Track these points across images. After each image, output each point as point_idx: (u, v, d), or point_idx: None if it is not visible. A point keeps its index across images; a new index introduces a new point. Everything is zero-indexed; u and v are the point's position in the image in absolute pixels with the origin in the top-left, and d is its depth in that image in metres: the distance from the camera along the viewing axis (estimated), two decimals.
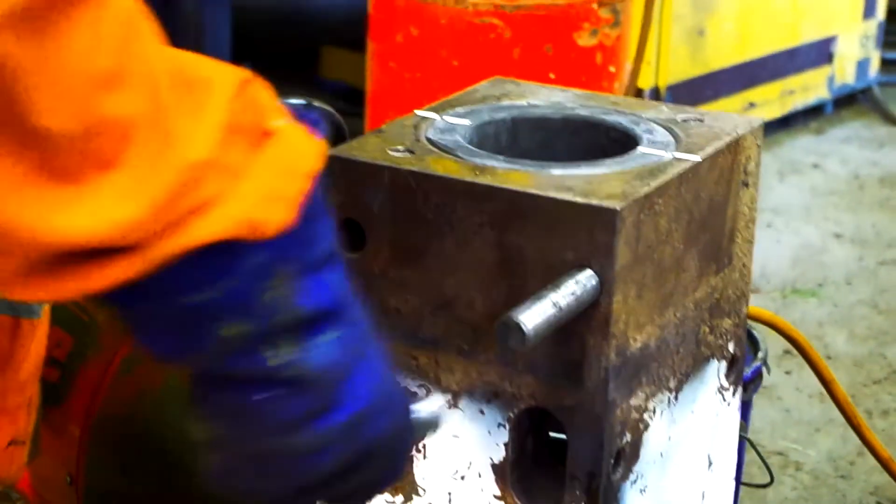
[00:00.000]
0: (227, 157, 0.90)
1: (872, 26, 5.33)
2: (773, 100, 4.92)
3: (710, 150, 1.30)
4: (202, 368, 0.95)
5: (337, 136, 1.58)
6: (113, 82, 0.84)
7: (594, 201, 1.17)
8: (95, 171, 0.84)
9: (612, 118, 1.38)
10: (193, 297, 0.91)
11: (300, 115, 0.97)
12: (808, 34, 5.05)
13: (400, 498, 1.30)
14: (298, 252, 0.95)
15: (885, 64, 5.53)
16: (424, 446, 1.28)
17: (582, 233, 1.17)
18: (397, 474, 1.06)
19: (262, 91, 0.95)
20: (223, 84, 0.91)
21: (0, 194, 0.82)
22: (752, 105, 4.82)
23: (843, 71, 5.26)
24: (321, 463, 0.97)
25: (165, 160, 0.87)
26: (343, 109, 1.80)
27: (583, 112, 1.39)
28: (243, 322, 0.92)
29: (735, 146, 1.33)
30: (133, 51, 0.85)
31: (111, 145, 0.84)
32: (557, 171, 1.24)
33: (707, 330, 1.35)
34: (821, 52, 5.14)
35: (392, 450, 1.03)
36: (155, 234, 0.88)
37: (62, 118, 0.82)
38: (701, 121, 1.37)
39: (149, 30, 0.88)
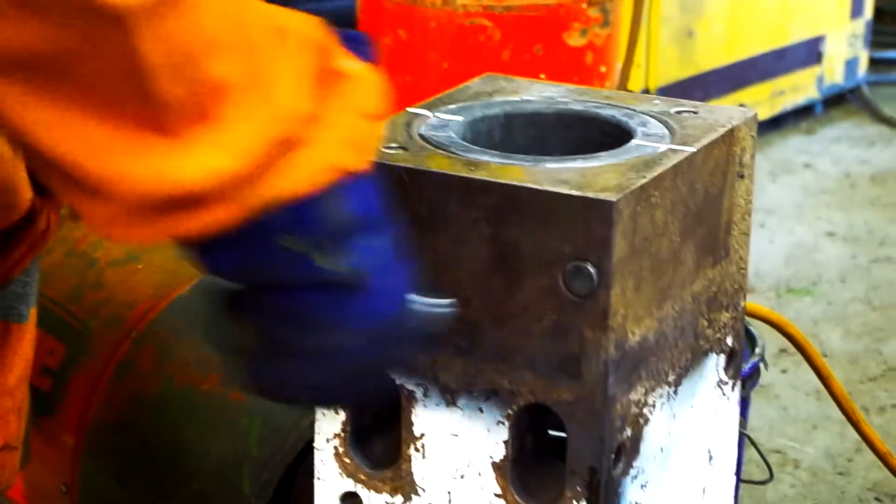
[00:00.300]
0: (312, 103, 0.97)
1: (860, 25, 5.34)
2: (763, 100, 4.92)
3: (704, 141, 1.29)
4: (253, 279, 1.02)
5: None
6: (219, 48, 0.92)
7: (590, 194, 1.17)
8: (196, 126, 0.92)
9: (606, 112, 1.37)
10: (269, 230, 0.99)
11: (347, 40, 1.04)
12: (797, 34, 5.06)
13: (399, 498, 1.29)
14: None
15: (873, 63, 5.54)
16: (423, 446, 1.27)
17: (578, 226, 1.16)
18: (407, 367, 1.15)
19: (328, 33, 1.01)
20: (304, 33, 0.98)
21: (109, 151, 0.90)
22: (742, 106, 4.81)
23: (832, 71, 5.26)
24: (360, 358, 1.06)
25: (261, 113, 0.94)
26: None
27: (576, 106, 1.38)
28: (303, 235, 1.00)
29: (730, 137, 1.33)
30: (235, 13, 0.93)
31: (212, 102, 0.92)
32: (552, 165, 1.23)
33: (705, 323, 1.35)
34: (809, 52, 5.14)
35: (412, 346, 1.12)
36: (250, 185, 0.95)
37: (176, 87, 0.90)
38: (695, 113, 1.36)
39: None
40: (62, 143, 0.90)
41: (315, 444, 1.32)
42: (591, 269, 1.17)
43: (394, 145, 1.26)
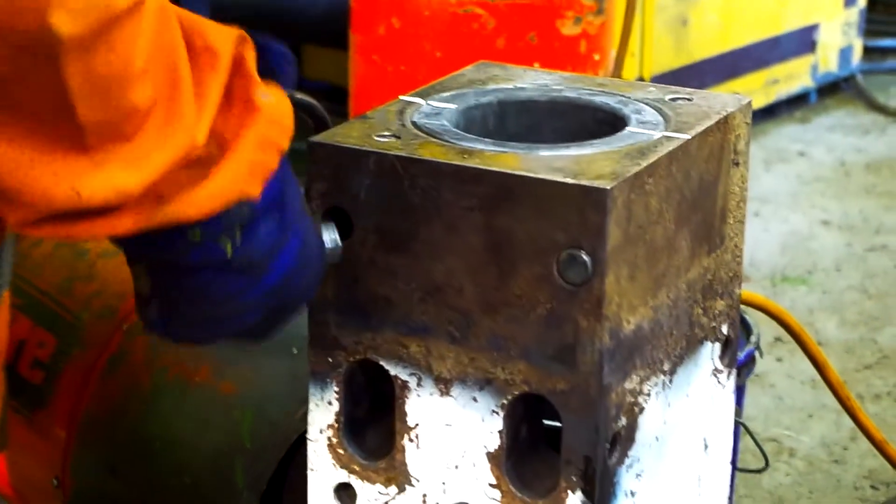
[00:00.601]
0: (222, 128, 1.03)
1: (854, 14, 5.33)
2: (757, 89, 4.91)
3: (699, 128, 1.28)
4: (164, 260, 1.10)
5: (320, 131, 1.58)
6: (142, 77, 0.96)
7: (584, 181, 1.16)
8: (110, 146, 0.97)
9: (600, 99, 1.36)
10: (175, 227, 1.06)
11: (266, 50, 1.10)
12: (791, 23, 5.05)
13: (393, 489, 1.28)
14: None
15: (867, 51, 5.53)
16: (417, 436, 1.26)
17: (572, 214, 1.16)
18: (302, 309, 1.22)
19: (251, 57, 1.06)
20: (225, 55, 1.03)
21: (28, 168, 0.96)
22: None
23: (826, 59, 5.26)
24: (249, 321, 1.14)
25: (172, 138, 1.00)
26: (327, 109, 1.79)
27: (570, 94, 1.37)
28: (209, 227, 1.07)
29: (724, 124, 1.32)
30: (161, 42, 0.97)
31: (129, 126, 0.97)
32: (546, 153, 1.22)
33: (700, 311, 1.34)
34: (803, 41, 5.13)
35: (305, 295, 1.18)
36: (156, 204, 1.01)
37: (97, 113, 0.95)
38: (690, 100, 1.35)
39: (172, 11, 0.99)
40: None
41: (308, 435, 1.31)
42: (586, 258, 1.16)
43: (387, 133, 1.25)
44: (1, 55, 0.92)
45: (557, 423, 1.21)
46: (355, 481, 1.30)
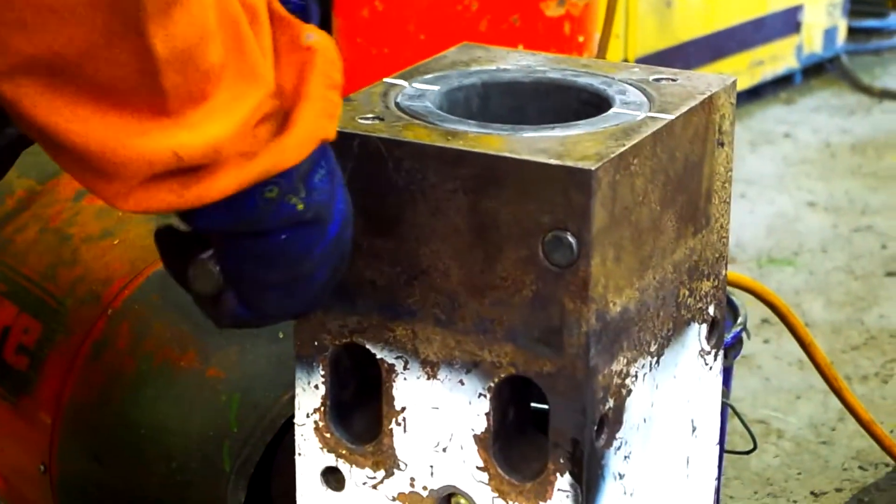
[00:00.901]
0: (280, 80, 1.06)
1: None
2: (742, 70, 4.91)
3: (683, 108, 1.28)
4: (237, 229, 1.10)
5: None
6: (213, 37, 1.00)
7: (569, 162, 1.15)
8: (194, 106, 1.01)
9: (584, 80, 1.35)
10: (257, 186, 1.08)
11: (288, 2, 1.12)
12: (775, 3, 5.04)
13: (381, 472, 1.28)
14: None
15: (852, 32, 5.53)
16: (405, 420, 1.26)
17: (557, 195, 1.15)
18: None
19: (280, 6, 1.09)
20: (262, 9, 1.06)
21: (120, 136, 0.99)
22: None
23: (811, 40, 5.25)
24: (320, 278, 1.15)
25: (244, 90, 1.03)
26: None
27: (553, 75, 1.37)
28: (284, 180, 1.08)
29: (709, 104, 1.31)
30: (221, 1, 1.00)
31: (208, 86, 1.01)
32: (530, 134, 1.21)
33: (686, 293, 1.34)
34: (788, 22, 5.13)
35: (350, 245, 1.18)
36: (247, 160, 1.04)
37: (181, 77, 0.99)
38: (674, 80, 1.34)
39: None
40: (78, 132, 0.98)
41: (295, 420, 1.31)
42: (571, 239, 1.15)
43: (370, 116, 1.25)
44: (88, 25, 0.95)
45: (545, 406, 1.21)
46: (343, 465, 1.29)
